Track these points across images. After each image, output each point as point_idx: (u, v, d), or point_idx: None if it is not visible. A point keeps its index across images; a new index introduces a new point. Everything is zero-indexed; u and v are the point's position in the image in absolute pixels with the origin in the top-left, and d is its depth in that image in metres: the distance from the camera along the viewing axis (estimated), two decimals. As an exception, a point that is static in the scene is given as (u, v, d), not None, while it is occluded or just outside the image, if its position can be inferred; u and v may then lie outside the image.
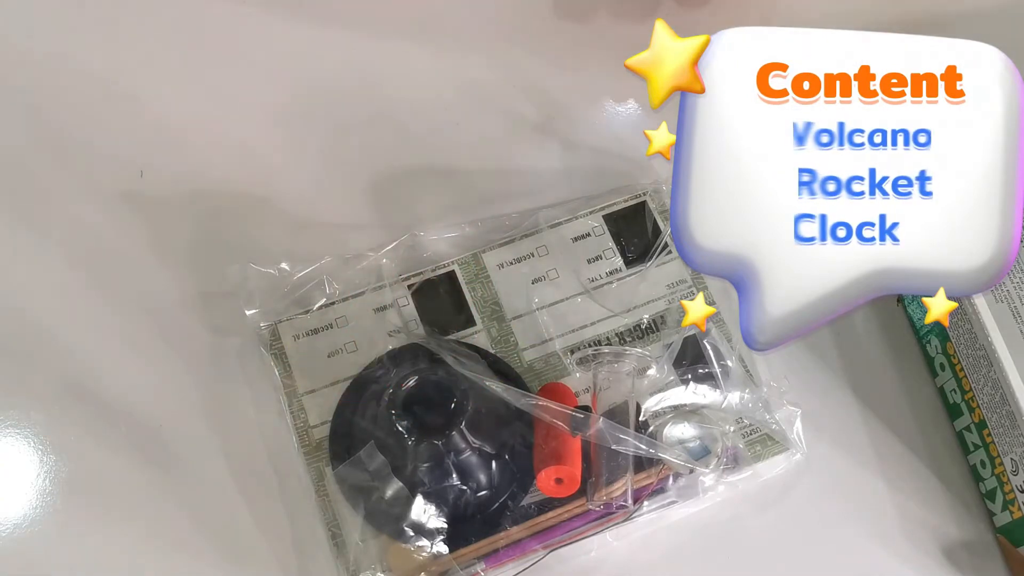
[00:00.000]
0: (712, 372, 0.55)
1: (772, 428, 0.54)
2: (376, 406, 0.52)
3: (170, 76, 0.65)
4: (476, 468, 0.51)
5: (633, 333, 0.57)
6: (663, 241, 0.58)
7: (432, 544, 0.51)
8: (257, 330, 0.56)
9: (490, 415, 0.52)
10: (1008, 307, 0.52)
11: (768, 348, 0.44)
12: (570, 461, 0.51)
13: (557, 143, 0.64)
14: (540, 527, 0.52)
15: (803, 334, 0.44)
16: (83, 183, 0.61)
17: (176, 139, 0.63)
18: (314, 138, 0.64)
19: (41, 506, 0.53)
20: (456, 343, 0.56)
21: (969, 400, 0.54)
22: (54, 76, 0.65)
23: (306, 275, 0.57)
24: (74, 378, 0.56)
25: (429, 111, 0.64)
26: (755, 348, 0.44)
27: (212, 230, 0.60)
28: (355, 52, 0.66)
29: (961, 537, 0.54)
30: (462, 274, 0.58)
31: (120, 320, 0.58)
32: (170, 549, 0.53)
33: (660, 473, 0.52)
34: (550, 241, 0.59)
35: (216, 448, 0.55)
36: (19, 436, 0.55)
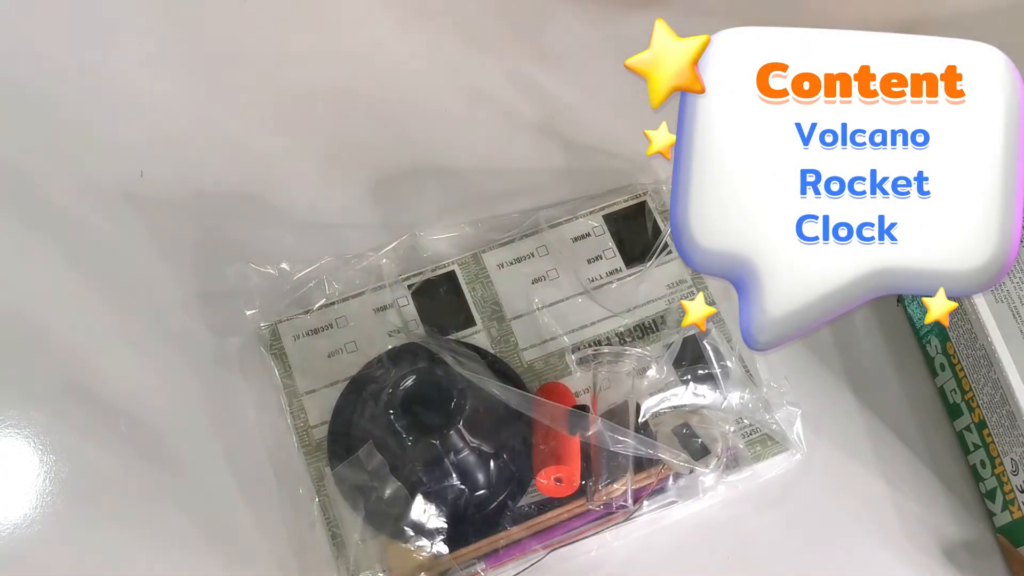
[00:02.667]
0: (712, 372, 0.55)
1: (772, 428, 0.54)
2: (375, 405, 0.52)
3: (170, 76, 0.65)
4: (475, 468, 0.51)
5: (633, 333, 0.57)
6: (663, 241, 0.58)
7: (432, 544, 0.51)
8: (257, 330, 0.56)
9: (489, 415, 0.52)
10: (1008, 307, 0.52)
11: (768, 348, 0.44)
12: (569, 461, 0.51)
13: (557, 143, 0.64)
14: (540, 527, 0.52)
15: (803, 334, 0.44)
16: (83, 183, 0.61)
17: (176, 139, 0.63)
18: (314, 138, 0.64)
19: (41, 506, 0.53)
20: (456, 343, 0.56)
21: (969, 400, 0.54)
22: (54, 76, 0.65)
23: (306, 275, 0.57)
24: (74, 378, 0.56)
25: (429, 111, 0.64)
26: (755, 348, 0.44)
27: (212, 230, 0.60)
28: (355, 52, 0.66)
29: (961, 537, 0.54)
30: (462, 274, 0.58)
31: (120, 320, 0.58)
32: (170, 549, 0.53)
33: (660, 473, 0.52)
34: (550, 241, 0.59)
35: (216, 448, 0.55)
36: (19, 436, 0.55)
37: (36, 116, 0.63)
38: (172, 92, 0.65)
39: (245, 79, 0.65)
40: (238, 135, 0.63)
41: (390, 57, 0.66)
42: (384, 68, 0.66)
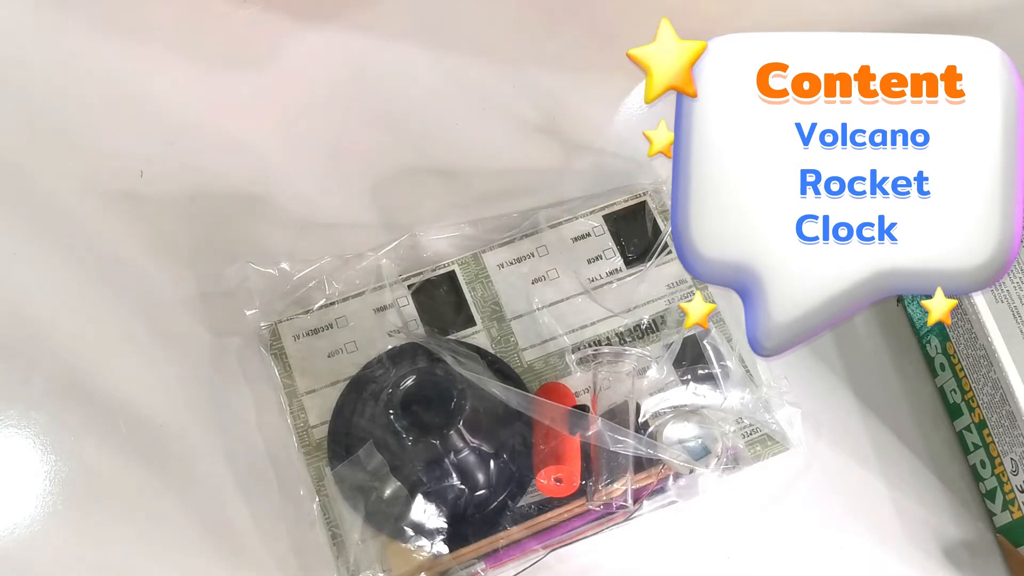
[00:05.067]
0: (712, 372, 0.55)
1: (772, 428, 0.54)
2: (375, 405, 0.52)
3: (170, 76, 0.65)
4: (475, 468, 0.51)
5: (633, 333, 0.57)
6: (663, 241, 0.58)
7: (432, 544, 0.51)
8: (257, 330, 0.56)
9: (489, 414, 0.52)
10: (1008, 307, 0.52)
11: (775, 354, 0.44)
12: (569, 461, 0.51)
13: (557, 143, 0.64)
14: (540, 527, 0.52)
15: (808, 339, 0.44)
16: (83, 183, 0.61)
17: (176, 139, 0.63)
18: (314, 138, 0.64)
19: (41, 506, 0.53)
20: (456, 343, 0.56)
21: (969, 400, 0.54)
22: (54, 76, 0.65)
23: (306, 275, 0.57)
24: (74, 378, 0.56)
25: (429, 111, 0.64)
26: (762, 355, 0.44)
27: (212, 230, 0.60)
28: (355, 52, 0.66)
29: (961, 537, 0.54)
30: (462, 274, 0.58)
31: (120, 320, 0.58)
32: (170, 549, 0.53)
33: (660, 473, 0.52)
34: (550, 241, 0.59)
35: (216, 448, 0.55)
36: (19, 436, 0.55)
37: (36, 116, 0.63)
38: (172, 92, 0.65)
39: (245, 79, 0.65)
40: (238, 135, 0.63)
41: (390, 57, 0.66)
42: (384, 68, 0.66)
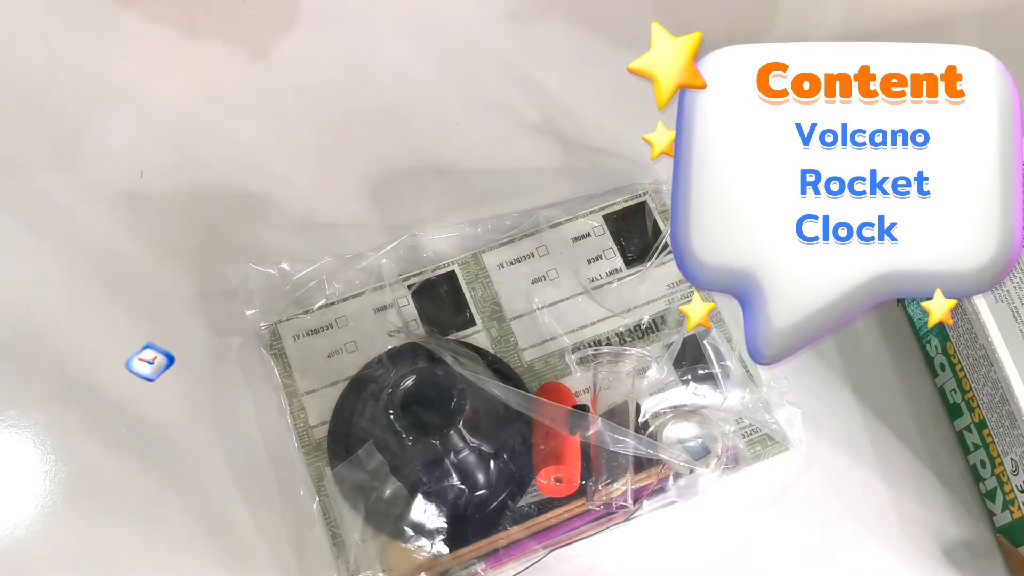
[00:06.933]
0: (712, 372, 0.55)
1: (772, 428, 0.54)
2: (375, 405, 0.52)
3: (170, 76, 0.65)
4: (475, 468, 0.51)
5: (633, 333, 0.57)
6: (663, 241, 0.58)
7: (432, 544, 0.51)
8: (257, 330, 0.56)
9: (489, 415, 0.52)
10: (1008, 307, 0.52)
11: (775, 362, 0.44)
12: (569, 460, 0.51)
13: (557, 143, 0.64)
14: (540, 527, 0.52)
15: (807, 345, 0.44)
16: (83, 183, 0.61)
17: (176, 139, 0.63)
18: (314, 138, 0.64)
19: (41, 506, 0.53)
20: (456, 343, 0.56)
21: (969, 400, 0.54)
22: (54, 76, 0.65)
23: (306, 275, 0.57)
24: (74, 378, 0.56)
25: (429, 111, 0.64)
26: (762, 362, 0.44)
27: (212, 230, 0.60)
28: (355, 52, 0.66)
29: (961, 537, 0.54)
30: (462, 274, 0.58)
31: (120, 320, 0.58)
32: (170, 549, 0.53)
33: (660, 473, 0.52)
34: (550, 241, 0.59)
35: (216, 448, 0.55)
36: (19, 436, 0.55)
37: (36, 116, 0.63)
38: (172, 92, 0.65)
39: (245, 79, 0.65)
40: (238, 135, 0.63)
41: (390, 57, 0.66)
42: (384, 68, 0.66)
